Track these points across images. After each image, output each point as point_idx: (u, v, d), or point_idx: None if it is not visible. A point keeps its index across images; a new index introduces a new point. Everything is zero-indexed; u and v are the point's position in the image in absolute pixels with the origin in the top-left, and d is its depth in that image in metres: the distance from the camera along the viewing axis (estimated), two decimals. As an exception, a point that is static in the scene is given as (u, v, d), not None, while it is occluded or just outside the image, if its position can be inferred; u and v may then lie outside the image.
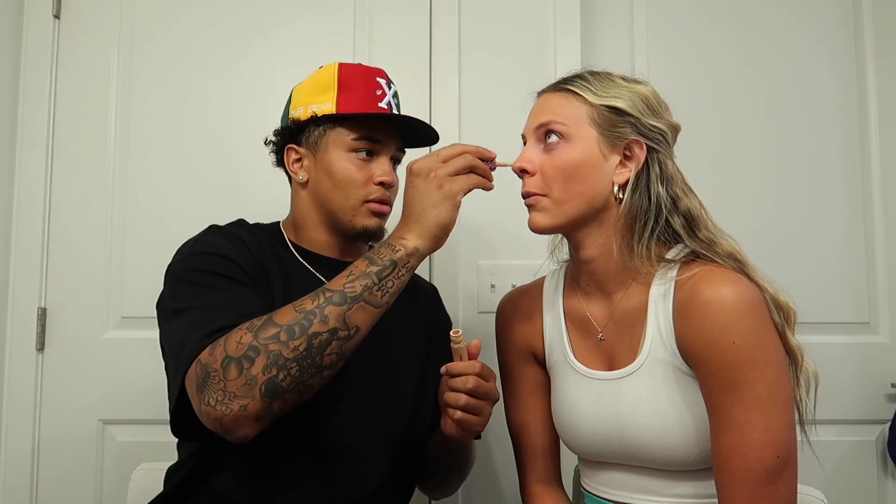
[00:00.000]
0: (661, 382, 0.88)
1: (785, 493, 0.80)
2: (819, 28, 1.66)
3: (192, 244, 0.99)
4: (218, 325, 0.85)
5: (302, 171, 1.07)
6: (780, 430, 0.80)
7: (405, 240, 0.88)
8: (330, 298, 0.83)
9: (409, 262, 0.87)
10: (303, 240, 1.08)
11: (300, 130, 1.07)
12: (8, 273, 1.51)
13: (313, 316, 0.82)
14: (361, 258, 0.88)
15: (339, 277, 0.86)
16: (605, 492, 0.97)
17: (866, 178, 1.64)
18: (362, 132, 1.04)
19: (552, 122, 0.92)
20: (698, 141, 1.58)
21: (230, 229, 1.03)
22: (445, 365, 0.93)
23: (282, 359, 0.79)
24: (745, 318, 0.82)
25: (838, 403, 1.57)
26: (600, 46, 1.64)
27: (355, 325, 0.83)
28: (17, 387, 1.49)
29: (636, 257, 0.91)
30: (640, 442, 0.89)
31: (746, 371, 0.81)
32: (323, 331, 0.81)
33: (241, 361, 0.79)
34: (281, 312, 0.83)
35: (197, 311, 0.89)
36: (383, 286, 0.85)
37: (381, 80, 1.09)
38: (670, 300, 0.89)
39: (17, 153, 1.52)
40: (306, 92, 1.08)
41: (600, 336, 0.96)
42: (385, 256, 0.86)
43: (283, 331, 0.80)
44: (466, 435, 0.96)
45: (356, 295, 0.84)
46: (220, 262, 0.94)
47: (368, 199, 1.04)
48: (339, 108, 1.04)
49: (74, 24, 1.56)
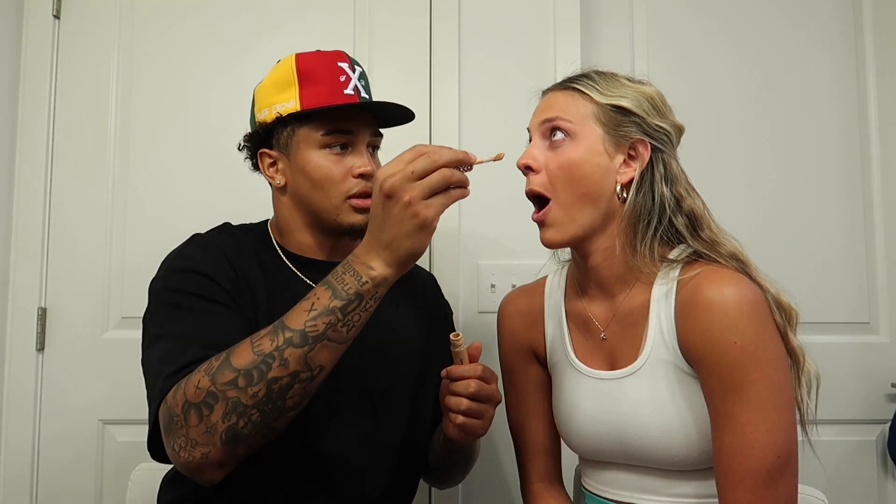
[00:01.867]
0: (663, 382, 0.88)
1: (786, 494, 0.80)
2: (819, 29, 1.66)
3: (173, 258, 0.97)
4: (185, 360, 0.82)
5: (279, 175, 1.03)
6: (781, 430, 0.80)
7: (372, 269, 0.79)
8: (290, 339, 0.77)
9: (376, 293, 0.80)
10: (289, 243, 1.05)
11: (269, 133, 1.02)
12: (8, 273, 1.51)
13: (272, 359, 0.76)
14: (323, 285, 0.80)
15: (299, 311, 0.79)
16: (606, 491, 0.97)
17: (866, 177, 1.64)
18: (332, 126, 0.99)
19: (558, 119, 0.92)
20: (698, 141, 1.57)
21: (212, 240, 1.00)
22: (446, 369, 0.92)
23: (241, 406, 0.75)
24: (747, 318, 0.82)
25: (838, 403, 1.57)
26: (600, 46, 1.64)
27: (319, 366, 0.78)
28: (17, 387, 1.49)
29: (639, 257, 0.91)
30: (641, 442, 0.89)
31: (748, 371, 0.81)
32: (283, 375, 0.76)
33: (200, 408, 0.76)
34: (239, 352, 0.78)
35: (169, 340, 0.87)
36: (349, 321, 0.78)
37: (342, 64, 1.02)
38: (672, 300, 0.89)
39: (17, 153, 1.52)
40: (268, 91, 1.03)
41: (602, 336, 0.96)
42: (350, 287, 0.78)
43: (241, 376, 0.76)
44: (469, 439, 0.95)
45: (318, 334, 0.77)
46: (197, 280, 0.92)
47: (350, 194, 0.99)
48: (302, 105, 0.99)
49: (74, 24, 1.55)
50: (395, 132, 1.52)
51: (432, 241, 1.49)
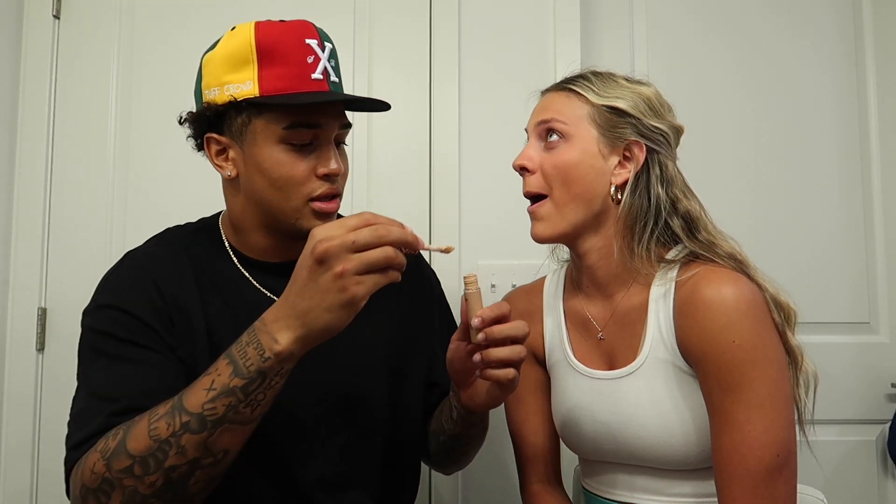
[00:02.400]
0: (662, 382, 0.89)
1: (784, 493, 0.80)
2: (818, 30, 1.66)
3: (101, 288, 0.89)
4: (90, 429, 0.75)
5: (228, 166, 0.89)
6: (779, 429, 0.80)
7: (277, 343, 0.69)
8: (187, 425, 0.69)
9: (281, 368, 0.71)
10: (243, 244, 0.94)
11: (219, 116, 0.87)
12: (8, 273, 1.51)
13: (168, 447, 0.69)
14: (225, 357, 0.71)
15: (198, 390, 0.70)
16: (605, 491, 0.97)
17: (866, 177, 1.64)
18: (296, 118, 0.85)
19: (553, 121, 0.93)
20: (698, 142, 1.57)
21: (142, 263, 0.90)
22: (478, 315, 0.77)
23: (139, 495, 0.69)
24: (745, 317, 0.82)
25: (838, 403, 1.57)
26: (600, 48, 1.64)
27: (222, 450, 0.71)
28: (17, 387, 1.49)
29: (636, 258, 0.92)
30: (640, 441, 0.89)
31: (746, 370, 0.81)
32: (181, 463, 0.69)
33: (97, 495, 0.70)
34: (135, 434, 0.70)
35: (84, 395, 0.81)
36: (252, 401, 0.70)
37: (311, 41, 0.86)
38: (671, 300, 0.89)
39: (17, 153, 1.52)
40: (219, 65, 0.86)
41: (600, 336, 0.96)
42: (251, 364, 0.69)
43: (137, 464, 0.69)
44: (507, 394, 0.83)
45: (218, 418, 0.69)
46: (121, 320, 0.83)
47: (313, 196, 0.87)
48: (262, 90, 0.83)
49: (74, 24, 1.55)
50: (394, 136, 1.53)
51: (432, 241, 1.49)
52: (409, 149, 1.53)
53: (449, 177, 1.51)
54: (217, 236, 0.96)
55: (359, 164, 1.52)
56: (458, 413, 0.93)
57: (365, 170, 1.52)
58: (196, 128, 0.91)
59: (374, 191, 1.52)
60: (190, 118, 0.92)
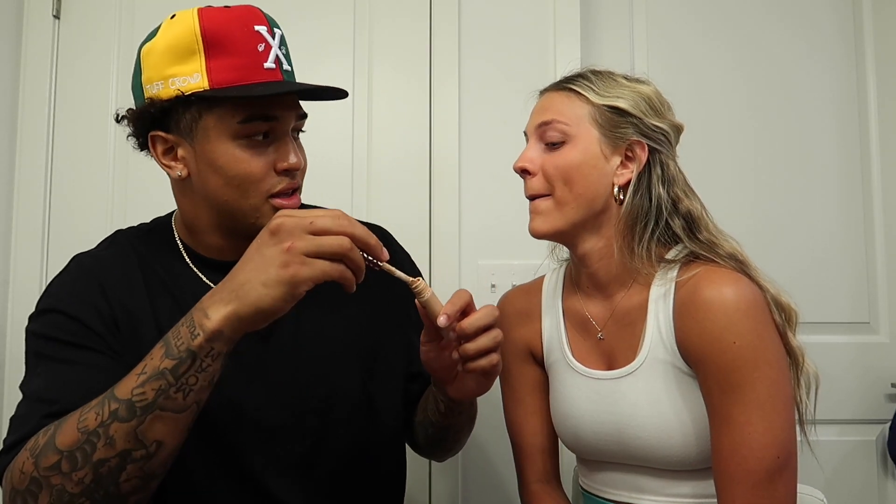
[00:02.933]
0: (661, 382, 0.88)
1: (784, 494, 0.80)
2: (818, 30, 1.66)
3: (45, 293, 0.85)
4: (22, 432, 0.72)
5: (178, 166, 0.83)
6: (780, 430, 0.80)
7: (208, 319, 0.65)
8: (115, 412, 0.65)
9: (211, 349, 0.66)
10: (197, 244, 0.89)
11: (164, 113, 0.81)
12: (8, 273, 1.51)
13: (96, 438, 0.64)
14: (160, 342, 0.68)
15: (131, 376, 0.67)
16: (604, 491, 0.97)
17: (866, 177, 1.64)
18: (251, 111, 0.79)
19: (554, 122, 0.92)
20: (698, 142, 1.57)
21: (89, 266, 0.86)
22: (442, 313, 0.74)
23: (66, 494, 0.65)
24: (745, 318, 0.82)
25: (838, 403, 1.57)
26: (600, 48, 1.64)
27: (154, 441, 0.65)
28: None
29: (636, 258, 0.91)
30: (638, 441, 0.89)
31: (746, 371, 0.80)
32: (110, 456, 0.64)
33: (25, 497, 0.66)
34: (63, 428, 0.67)
35: (23, 401, 0.78)
36: (182, 385, 0.65)
37: (260, 28, 0.81)
38: (671, 300, 0.89)
39: (17, 153, 1.52)
40: (162, 57, 0.80)
41: (600, 336, 0.96)
42: (182, 344, 0.66)
43: (65, 458, 0.65)
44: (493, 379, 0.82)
45: (147, 404, 0.64)
46: (62, 322, 0.80)
47: (272, 192, 0.82)
48: (211, 82, 0.78)
49: (74, 24, 1.55)
50: (394, 136, 1.53)
51: (432, 241, 1.49)
52: (409, 149, 1.52)
53: (449, 177, 1.51)
54: (170, 236, 0.92)
55: (359, 165, 1.52)
56: (445, 405, 0.91)
57: (365, 170, 1.52)
58: (138, 126, 0.84)
59: (373, 191, 1.52)
60: (130, 116, 0.84)
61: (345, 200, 1.48)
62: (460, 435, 1.04)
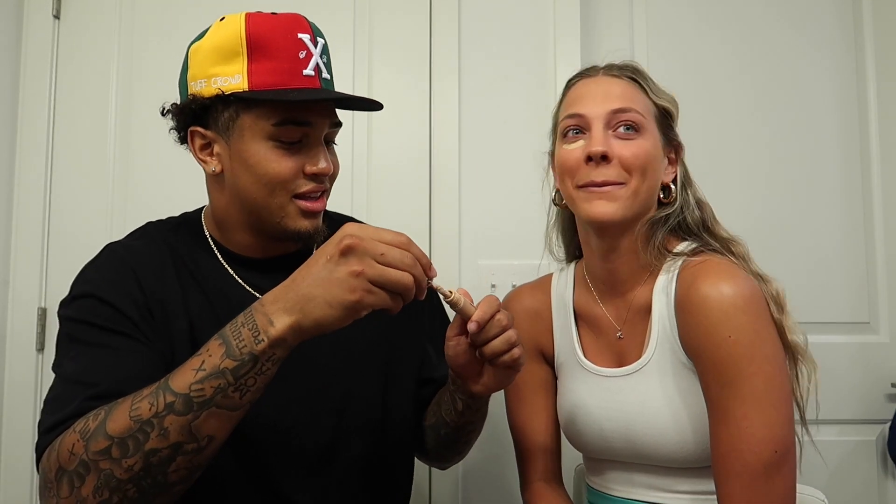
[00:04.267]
0: (669, 378, 0.89)
1: (783, 489, 0.80)
2: (818, 29, 1.66)
3: (78, 279, 0.86)
4: (65, 413, 0.72)
5: (213, 161, 0.86)
6: (777, 425, 0.80)
7: (272, 326, 0.67)
8: (171, 405, 0.66)
9: (273, 354, 0.68)
10: (227, 240, 0.92)
11: (205, 109, 0.85)
12: (8, 273, 1.51)
13: (150, 428, 0.65)
14: (218, 338, 0.69)
15: (187, 370, 0.68)
16: (611, 489, 0.97)
17: (866, 177, 1.64)
18: (286, 115, 0.83)
19: (633, 111, 0.91)
20: (698, 141, 1.56)
21: (122, 256, 0.87)
22: (472, 320, 0.77)
23: (114, 480, 0.65)
24: (741, 312, 0.82)
25: (838, 403, 1.57)
26: (600, 46, 1.64)
27: (207, 436, 0.67)
28: (17, 387, 1.49)
29: (649, 252, 0.92)
30: (646, 438, 0.89)
31: (743, 366, 0.81)
32: (163, 447, 0.66)
33: (72, 477, 0.66)
34: (116, 415, 0.67)
35: (60, 382, 0.78)
36: (241, 386, 0.67)
37: (303, 36, 0.84)
38: (672, 293, 0.89)
39: (17, 153, 1.52)
40: (207, 57, 0.84)
41: (619, 335, 0.96)
42: (245, 347, 0.67)
43: (115, 445, 0.66)
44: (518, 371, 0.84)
45: (204, 400, 0.66)
46: (98, 308, 0.80)
47: (297, 192, 0.85)
48: (251, 84, 0.81)
49: (74, 24, 1.55)
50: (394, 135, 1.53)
51: (432, 240, 1.50)
52: (409, 148, 1.53)
53: (449, 176, 1.51)
54: (199, 231, 0.93)
55: (359, 164, 1.52)
56: (464, 403, 0.92)
57: (365, 169, 1.52)
58: (180, 120, 0.88)
59: (374, 190, 1.52)
60: (174, 110, 0.88)
61: (345, 200, 1.48)
62: (472, 436, 1.04)
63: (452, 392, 0.94)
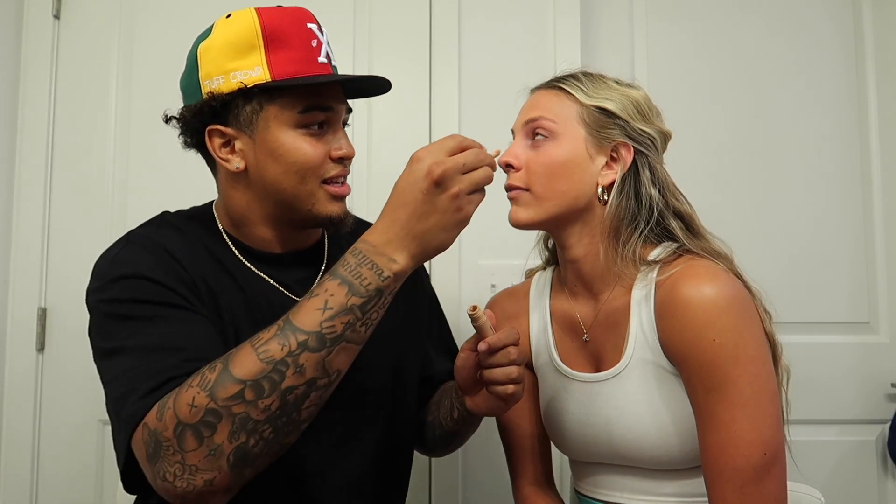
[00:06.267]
0: (646, 383, 0.88)
1: (774, 491, 0.80)
2: (819, 27, 1.66)
3: (109, 264, 0.83)
4: (162, 376, 0.71)
5: (236, 158, 0.86)
6: (765, 427, 0.79)
7: (395, 263, 0.72)
8: (304, 343, 0.68)
9: (394, 287, 0.73)
10: (244, 236, 0.92)
11: (224, 106, 0.85)
12: (8, 273, 1.51)
13: (285, 367, 0.67)
14: (334, 279, 0.71)
15: (310, 310, 0.70)
16: (596, 492, 0.97)
17: (866, 177, 1.64)
18: (310, 101, 0.85)
19: (541, 119, 0.93)
20: (698, 140, 1.58)
21: (154, 237, 0.86)
22: (485, 341, 0.82)
23: (251, 422, 0.67)
24: (724, 314, 0.81)
25: (838, 403, 1.57)
26: (600, 44, 1.64)
27: (336, 370, 0.71)
28: (17, 387, 1.49)
29: (620, 260, 0.91)
30: (627, 443, 0.89)
31: (728, 369, 0.80)
32: (299, 384, 0.68)
33: (198, 429, 0.66)
34: (238, 361, 0.68)
35: (133, 354, 0.75)
36: (367, 320, 0.71)
37: (312, 26, 0.87)
38: (651, 301, 0.88)
39: (17, 153, 1.52)
40: (221, 53, 0.84)
41: (585, 338, 0.96)
42: (370, 284, 0.70)
43: (248, 388, 0.67)
44: (510, 406, 0.88)
45: (337, 336, 0.69)
46: (146, 286, 0.79)
47: (325, 178, 0.87)
48: (273, 75, 0.83)
49: (74, 24, 1.56)
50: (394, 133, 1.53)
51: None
52: (409, 146, 1.51)
53: (448, 177, 1.51)
54: (213, 225, 0.93)
55: (359, 162, 1.49)
56: (460, 413, 0.95)
57: (365, 167, 1.52)
58: (195, 121, 0.87)
59: (374, 188, 1.52)
60: (186, 112, 0.88)
61: (344, 200, 1.48)
62: (464, 439, 1.08)
63: (453, 399, 0.96)
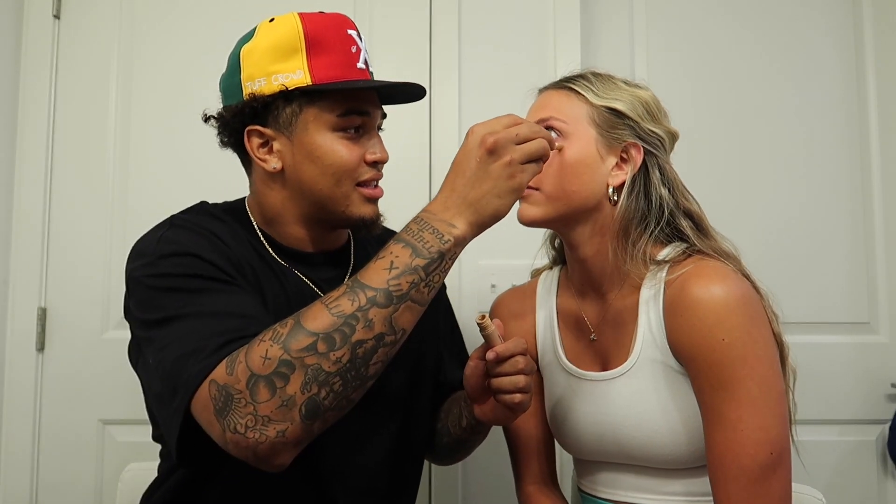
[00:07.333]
0: (653, 382, 0.89)
1: (779, 490, 0.80)
2: (820, 26, 1.66)
3: (156, 243, 0.84)
4: (227, 336, 0.73)
5: (273, 158, 0.89)
6: (772, 427, 0.80)
7: (455, 227, 0.75)
8: (373, 299, 0.70)
9: (455, 252, 0.75)
10: (278, 234, 0.94)
11: (265, 108, 0.88)
12: (8, 273, 1.51)
13: (355, 321, 0.69)
14: (398, 243, 0.74)
15: (377, 270, 0.73)
16: (601, 491, 0.97)
17: (866, 177, 1.64)
18: (348, 106, 0.88)
19: (552, 119, 0.93)
20: (699, 141, 1.58)
21: (198, 221, 0.89)
22: (493, 350, 0.84)
23: (322, 374, 0.68)
24: (733, 314, 0.82)
25: (838, 403, 1.57)
26: (600, 44, 1.64)
27: (402, 328, 0.72)
28: (17, 387, 1.49)
29: (630, 260, 0.91)
30: (634, 442, 0.89)
31: (736, 368, 0.80)
32: (368, 338, 0.70)
33: (271, 380, 0.67)
34: (311, 315, 0.71)
35: (193, 319, 0.76)
36: (430, 281, 0.73)
37: (351, 32, 0.90)
38: (660, 300, 0.89)
39: (17, 153, 1.52)
40: (265, 56, 0.87)
41: (592, 337, 0.97)
42: (432, 247, 0.73)
43: (321, 340, 0.69)
44: (517, 415, 0.90)
45: (402, 293, 0.71)
46: (196, 263, 0.81)
47: (359, 181, 0.90)
48: (314, 78, 0.86)
49: (74, 24, 1.55)
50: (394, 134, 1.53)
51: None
52: (409, 149, 1.52)
53: (449, 177, 1.50)
54: (247, 222, 0.95)
55: (359, 164, 1.52)
56: (469, 422, 0.96)
57: (365, 169, 1.52)
58: (235, 121, 0.90)
59: (373, 190, 1.52)
60: (226, 112, 0.91)
61: (345, 200, 1.48)
62: (472, 448, 1.09)
63: (462, 407, 0.97)
